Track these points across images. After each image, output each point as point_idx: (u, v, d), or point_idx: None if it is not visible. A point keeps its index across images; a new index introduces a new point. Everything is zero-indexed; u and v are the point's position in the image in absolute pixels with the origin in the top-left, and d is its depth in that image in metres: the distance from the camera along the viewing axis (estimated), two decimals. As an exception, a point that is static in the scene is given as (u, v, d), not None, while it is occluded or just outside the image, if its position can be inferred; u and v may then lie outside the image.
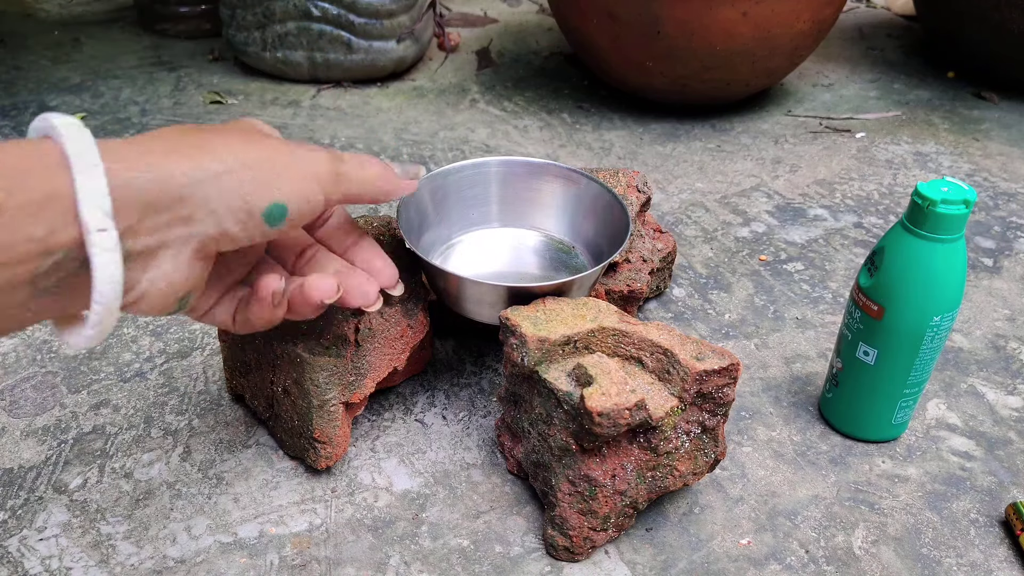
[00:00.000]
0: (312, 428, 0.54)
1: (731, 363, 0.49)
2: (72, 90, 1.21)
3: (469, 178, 0.66)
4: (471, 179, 0.66)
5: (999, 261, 0.83)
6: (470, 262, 0.65)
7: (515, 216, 0.68)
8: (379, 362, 0.57)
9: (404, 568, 0.50)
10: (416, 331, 0.60)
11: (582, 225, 0.66)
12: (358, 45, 1.20)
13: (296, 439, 0.56)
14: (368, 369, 0.56)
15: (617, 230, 0.60)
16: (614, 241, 0.60)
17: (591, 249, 0.65)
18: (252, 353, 0.57)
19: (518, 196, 0.67)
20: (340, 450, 0.55)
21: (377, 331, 0.57)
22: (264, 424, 0.61)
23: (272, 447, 0.58)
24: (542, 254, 0.67)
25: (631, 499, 0.49)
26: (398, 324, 0.58)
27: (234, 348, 0.59)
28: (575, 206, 0.66)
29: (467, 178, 0.66)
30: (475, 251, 0.67)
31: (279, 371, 0.55)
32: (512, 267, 0.66)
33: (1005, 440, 0.60)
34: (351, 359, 0.55)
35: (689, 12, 0.97)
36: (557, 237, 0.68)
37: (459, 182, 0.65)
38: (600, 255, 0.63)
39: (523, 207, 0.68)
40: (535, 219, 0.68)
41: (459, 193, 0.66)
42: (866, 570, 0.50)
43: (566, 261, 0.66)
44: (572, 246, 0.67)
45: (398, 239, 0.64)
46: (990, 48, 1.19)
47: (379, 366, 0.57)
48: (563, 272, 0.64)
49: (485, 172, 0.66)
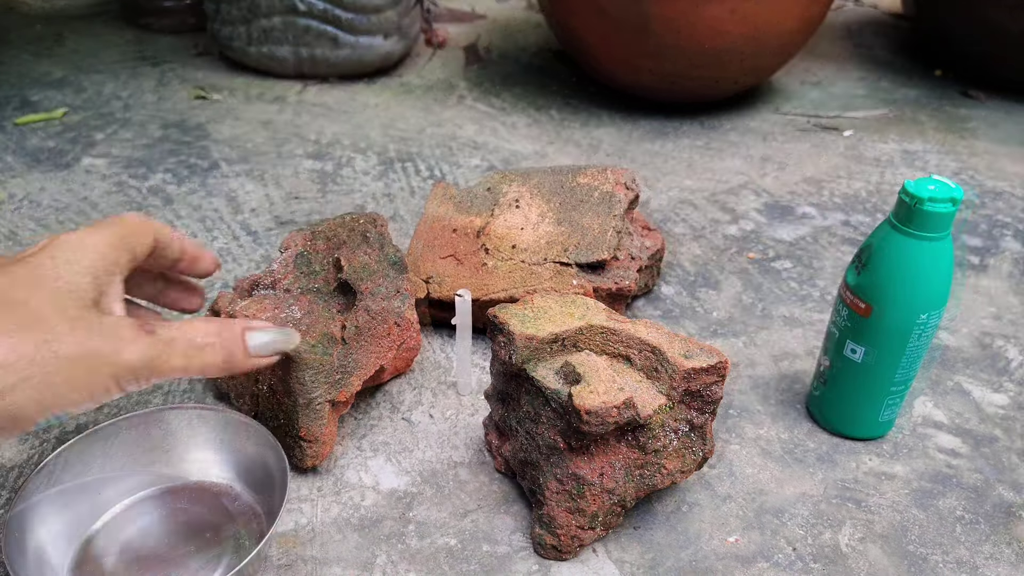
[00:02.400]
0: (298, 427, 0.53)
1: (719, 361, 0.49)
2: (54, 85, 1.19)
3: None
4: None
5: (985, 259, 0.83)
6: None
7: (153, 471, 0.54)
8: (366, 360, 0.56)
9: (391, 567, 0.49)
10: (403, 329, 0.59)
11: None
12: (344, 40, 1.19)
13: (282, 438, 0.55)
14: (355, 367, 0.56)
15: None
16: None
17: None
18: None
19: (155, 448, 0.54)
20: (326, 448, 0.55)
21: (364, 329, 0.56)
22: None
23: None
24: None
25: (619, 497, 0.49)
26: (385, 322, 0.58)
27: None
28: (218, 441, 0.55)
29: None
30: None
31: (264, 369, 0.54)
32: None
33: (991, 437, 0.61)
34: (337, 357, 0.54)
35: (678, 9, 0.97)
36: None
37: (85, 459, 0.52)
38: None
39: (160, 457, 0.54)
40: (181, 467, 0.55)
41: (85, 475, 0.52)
42: (853, 567, 0.50)
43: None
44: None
45: (385, 237, 0.64)
46: (978, 46, 1.20)
47: (366, 364, 0.56)
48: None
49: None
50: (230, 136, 1.05)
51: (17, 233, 0.83)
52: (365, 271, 0.60)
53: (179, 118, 1.10)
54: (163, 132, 1.06)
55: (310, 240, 0.62)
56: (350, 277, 0.59)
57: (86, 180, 0.94)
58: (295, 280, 0.60)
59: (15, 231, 0.83)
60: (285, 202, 0.90)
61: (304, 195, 0.91)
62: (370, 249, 0.63)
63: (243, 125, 1.09)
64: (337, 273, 0.60)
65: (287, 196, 0.91)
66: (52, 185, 0.92)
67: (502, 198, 0.72)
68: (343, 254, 0.61)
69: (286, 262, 0.61)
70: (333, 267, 0.61)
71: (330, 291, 0.60)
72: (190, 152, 1.01)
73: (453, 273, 0.67)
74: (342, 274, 0.59)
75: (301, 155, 1.01)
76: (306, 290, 0.60)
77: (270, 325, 0.46)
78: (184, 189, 0.92)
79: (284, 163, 0.99)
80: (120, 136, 1.05)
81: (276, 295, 0.59)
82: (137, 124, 1.08)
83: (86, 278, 0.41)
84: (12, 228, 0.84)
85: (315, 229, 0.63)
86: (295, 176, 0.96)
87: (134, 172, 0.96)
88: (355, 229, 0.64)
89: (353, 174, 0.96)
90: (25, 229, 0.84)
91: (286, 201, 0.90)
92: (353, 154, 1.01)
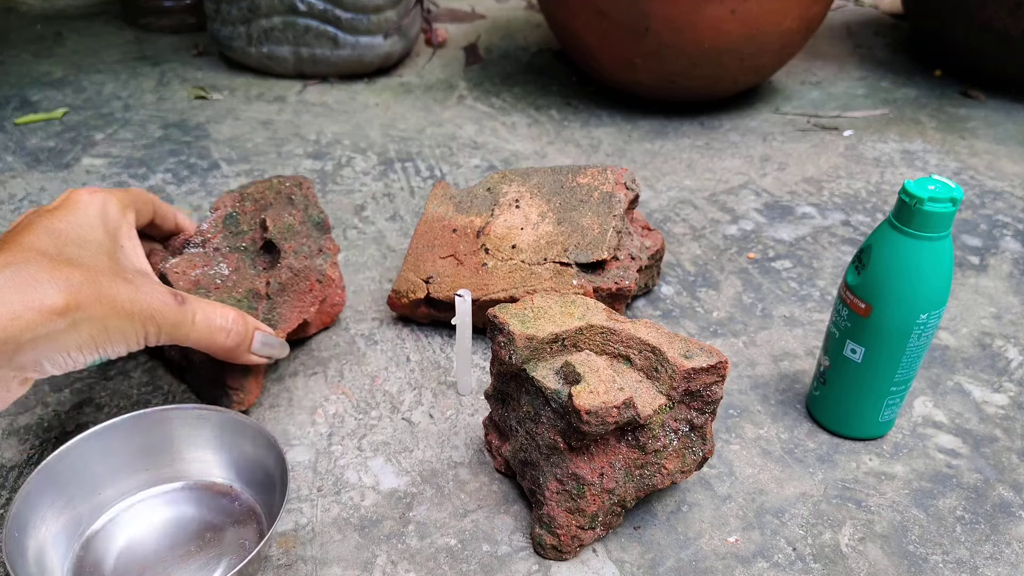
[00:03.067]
0: (225, 376, 0.57)
1: (719, 361, 0.49)
2: (54, 85, 1.19)
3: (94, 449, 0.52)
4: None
5: (985, 259, 0.83)
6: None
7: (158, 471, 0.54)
8: (289, 314, 0.60)
9: (391, 567, 0.49)
10: (325, 285, 0.64)
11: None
12: (344, 40, 1.19)
13: (211, 388, 0.59)
14: (279, 320, 0.60)
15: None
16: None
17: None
18: None
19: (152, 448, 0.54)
20: (252, 397, 0.58)
21: (287, 285, 0.61)
22: (182, 378, 0.64)
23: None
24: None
25: (619, 497, 0.49)
26: (307, 279, 0.62)
27: None
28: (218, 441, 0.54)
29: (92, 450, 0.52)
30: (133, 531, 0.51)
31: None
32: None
33: (991, 437, 0.61)
34: (262, 311, 0.59)
35: (677, 9, 0.97)
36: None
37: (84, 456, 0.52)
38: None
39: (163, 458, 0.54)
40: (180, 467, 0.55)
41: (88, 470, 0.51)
42: (853, 568, 0.50)
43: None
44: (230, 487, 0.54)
45: (310, 200, 0.69)
46: (977, 46, 1.20)
47: (289, 318, 0.60)
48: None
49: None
50: (230, 136, 1.05)
51: (17, 233, 0.83)
52: (289, 231, 0.64)
53: (179, 118, 1.10)
54: (163, 132, 1.06)
55: (239, 201, 0.67)
56: (274, 237, 0.63)
57: (86, 180, 0.93)
58: (224, 239, 0.64)
59: (15, 231, 0.83)
60: (285, 202, 0.90)
61: (304, 195, 0.91)
62: (295, 211, 0.67)
63: (243, 125, 1.09)
64: (263, 232, 0.64)
65: (287, 196, 0.91)
66: (52, 185, 0.92)
67: (502, 198, 0.72)
68: (269, 215, 0.65)
69: (216, 222, 0.65)
70: (260, 227, 0.65)
71: (256, 250, 0.64)
72: (190, 152, 1.01)
73: (453, 273, 0.67)
74: (267, 234, 0.63)
75: (301, 155, 1.01)
76: (234, 248, 0.64)
77: (272, 331, 0.51)
78: (184, 189, 0.92)
79: (284, 163, 0.99)
80: (120, 136, 1.05)
81: (206, 253, 0.62)
82: (137, 124, 1.08)
83: (110, 236, 0.49)
84: (12, 228, 0.84)
85: (244, 191, 0.68)
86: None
87: (134, 172, 0.96)
88: (281, 191, 0.68)
89: (353, 174, 0.96)
90: (25, 229, 0.84)
91: (286, 201, 0.90)
92: (353, 154, 1.01)
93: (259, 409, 0.61)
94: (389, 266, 0.79)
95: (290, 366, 0.65)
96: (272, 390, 0.63)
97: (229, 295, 0.58)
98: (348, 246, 0.82)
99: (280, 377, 0.64)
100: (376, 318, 0.71)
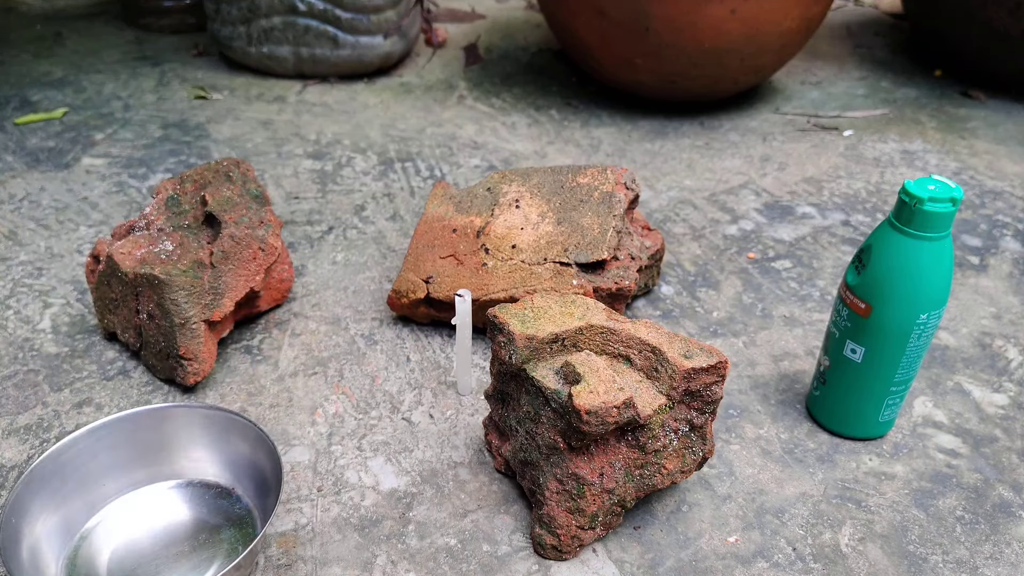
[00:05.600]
0: (177, 346, 0.59)
1: (719, 361, 0.49)
2: (54, 84, 1.19)
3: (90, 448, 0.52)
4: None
5: (985, 259, 0.83)
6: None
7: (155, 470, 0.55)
8: (235, 283, 0.63)
9: (391, 567, 0.49)
10: (268, 254, 0.66)
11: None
12: (344, 40, 1.19)
13: (164, 361, 0.61)
14: (225, 289, 0.62)
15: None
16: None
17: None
18: (117, 287, 0.62)
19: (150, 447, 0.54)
20: (206, 366, 0.60)
21: (230, 254, 0.64)
22: (136, 356, 0.65)
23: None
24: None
25: (619, 497, 0.49)
26: (249, 247, 0.65)
27: (100, 286, 0.64)
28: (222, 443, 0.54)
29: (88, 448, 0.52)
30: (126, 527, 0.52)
31: (142, 297, 0.60)
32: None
33: (991, 437, 0.61)
34: (208, 280, 0.61)
35: (678, 9, 0.97)
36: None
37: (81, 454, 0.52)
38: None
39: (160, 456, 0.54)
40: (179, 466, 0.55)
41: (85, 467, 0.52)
42: (853, 567, 0.50)
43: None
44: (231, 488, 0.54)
45: (247, 176, 0.71)
46: (977, 46, 1.20)
47: (235, 286, 0.63)
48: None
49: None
50: (230, 136, 1.05)
51: (17, 233, 0.83)
52: (228, 203, 0.67)
53: (179, 118, 1.10)
54: (163, 132, 1.06)
55: (179, 184, 0.69)
56: (214, 209, 0.66)
57: (86, 180, 0.94)
58: (167, 220, 0.67)
59: (15, 231, 0.83)
60: (285, 202, 0.90)
61: (304, 195, 0.91)
62: (233, 186, 0.69)
63: (243, 125, 1.09)
64: (203, 207, 0.67)
65: (287, 196, 0.91)
66: (52, 185, 0.92)
67: (502, 198, 0.72)
68: (208, 191, 0.67)
69: (158, 205, 0.68)
70: (200, 204, 0.67)
71: (198, 226, 0.67)
72: (190, 152, 1.01)
73: (453, 273, 0.67)
74: (207, 207, 0.66)
75: (301, 155, 1.01)
76: (177, 227, 0.66)
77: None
78: (184, 189, 0.92)
79: (284, 163, 0.99)
80: (120, 136, 1.04)
81: (150, 234, 0.64)
82: (137, 124, 1.08)
83: None
84: (12, 228, 0.84)
85: (183, 175, 0.70)
86: (295, 176, 0.96)
87: (134, 172, 0.96)
88: (219, 171, 0.71)
89: (353, 174, 0.96)
90: (25, 229, 0.84)
91: (286, 201, 0.90)
92: (353, 154, 1.01)
93: (259, 409, 0.61)
94: (389, 266, 0.79)
95: (290, 366, 0.65)
96: (272, 390, 0.63)
97: (174, 267, 0.60)
98: (348, 246, 0.82)
99: (280, 377, 0.64)
100: (376, 318, 0.71)
